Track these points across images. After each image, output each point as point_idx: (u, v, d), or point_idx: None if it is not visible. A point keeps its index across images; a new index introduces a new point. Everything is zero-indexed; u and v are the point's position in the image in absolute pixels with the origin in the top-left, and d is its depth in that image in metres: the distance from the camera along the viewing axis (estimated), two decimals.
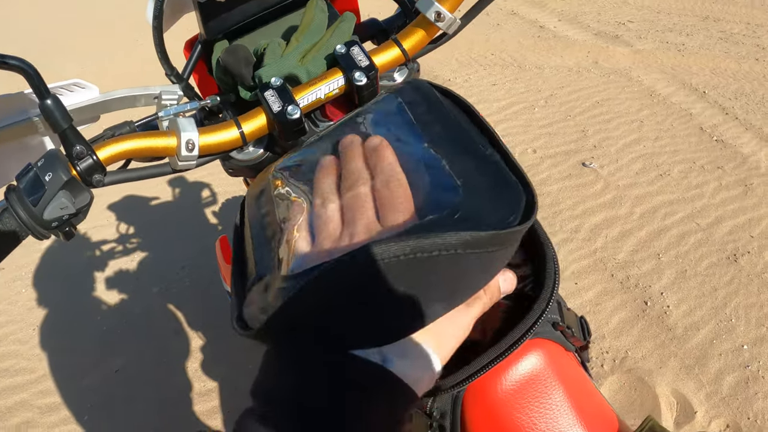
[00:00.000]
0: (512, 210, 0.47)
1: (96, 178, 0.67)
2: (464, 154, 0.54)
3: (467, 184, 0.50)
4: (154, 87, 0.80)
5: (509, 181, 0.50)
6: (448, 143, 0.56)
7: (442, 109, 0.61)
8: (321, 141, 0.63)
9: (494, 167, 0.52)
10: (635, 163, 2.82)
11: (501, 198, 0.49)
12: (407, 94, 0.64)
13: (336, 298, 0.43)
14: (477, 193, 0.49)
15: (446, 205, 0.48)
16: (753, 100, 3.12)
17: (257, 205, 0.62)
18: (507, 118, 3.27)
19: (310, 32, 0.79)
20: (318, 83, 0.75)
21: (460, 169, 0.52)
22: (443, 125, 0.58)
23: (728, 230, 2.41)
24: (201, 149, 0.72)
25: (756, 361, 1.93)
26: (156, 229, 2.91)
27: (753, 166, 2.71)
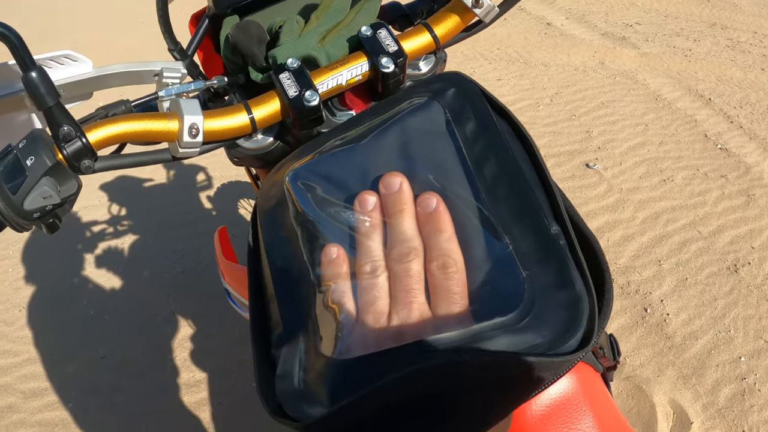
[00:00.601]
0: (576, 325, 0.43)
1: (85, 163, 0.59)
2: (528, 227, 0.48)
3: (532, 278, 0.45)
4: (155, 63, 0.72)
5: (574, 284, 0.45)
6: (508, 203, 0.50)
7: (499, 138, 0.54)
8: (347, 147, 0.57)
9: (560, 259, 0.46)
10: (639, 167, 2.81)
11: (565, 306, 0.44)
12: (453, 103, 0.58)
13: (409, 402, 0.40)
14: (542, 293, 0.45)
15: (511, 306, 0.44)
16: (758, 110, 3.12)
17: (273, 223, 0.56)
18: None
19: (331, 11, 0.72)
20: (339, 68, 0.68)
21: (523, 251, 0.47)
22: (500, 166, 0.52)
23: (729, 240, 2.41)
24: (205, 135, 0.64)
25: (753, 374, 1.93)
26: (149, 211, 2.86)
27: (756, 177, 2.70)
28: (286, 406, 0.44)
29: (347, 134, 0.59)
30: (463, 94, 0.58)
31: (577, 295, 0.44)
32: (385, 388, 0.38)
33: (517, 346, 0.42)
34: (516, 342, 0.42)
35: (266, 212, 0.58)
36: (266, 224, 0.57)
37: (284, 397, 0.45)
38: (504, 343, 0.42)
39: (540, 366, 0.40)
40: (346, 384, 0.42)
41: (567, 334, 0.43)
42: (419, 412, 0.40)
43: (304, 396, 0.44)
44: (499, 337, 0.42)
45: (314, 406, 0.42)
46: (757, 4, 4.30)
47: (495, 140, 0.54)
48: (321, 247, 0.50)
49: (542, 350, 0.42)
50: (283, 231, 0.55)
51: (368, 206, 0.50)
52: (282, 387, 0.46)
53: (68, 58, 0.69)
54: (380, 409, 0.40)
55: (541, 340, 0.43)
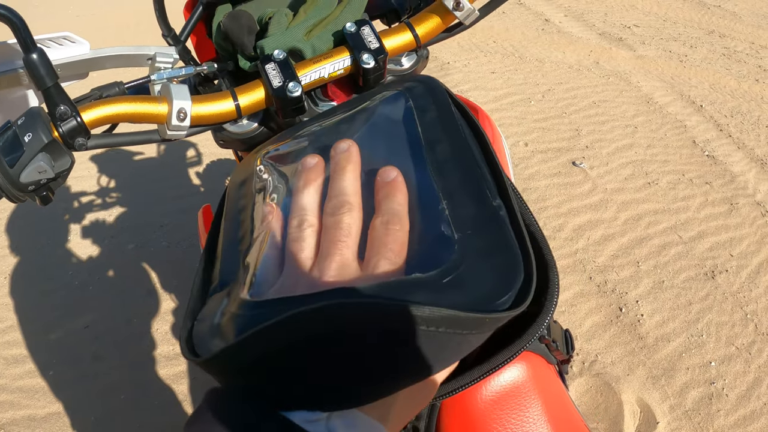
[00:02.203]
0: (506, 287, 0.42)
1: (79, 141, 0.63)
2: (469, 197, 0.49)
3: (464, 241, 0.45)
4: (149, 47, 0.75)
5: (510, 247, 0.45)
6: (453, 177, 0.51)
7: (455, 126, 0.57)
8: (320, 135, 0.60)
9: (497, 226, 0.46)
10: (625, 168, 2.81)
11: (497, 269, 0.43)
12: (419, 97, 0.60)
13: (296, 349, 0.38)
14: (473, 255, 0.44)
15: (437, 263, 0.43)
16: (748, 120, 3.13)
17: (237, 194, 0.59)
18: (502, 107, 3.25)
19: (319, 5, 0.75)
20: (323, 61, 0.71)
21: (460, 216, 0.47)
22: (453, 150, 0.54)
23: (709, 246, 2.42)
24: (193, 119, 0.67)
25: (722, 379, 1.94)
26: (137, 185, 2.85)
27: (741, 186, 2.71)
28: (197, 347, 0.45)
29: (322, 122, 0.63)
30: (429, 90, 0.61)
31: (511, 261, 0.43)
32: (272, 328, 0.37)
33: (433, 303, 0.39)
34: (434, 299, 0.40)
35: (233, 188, 0.61)
36: (231, 192, 0.60)
37: (197, 338, 0.46)
38: (420, 298, 0.40)
39: (460, 323, 0.39)
40: (249, 323, 0.42)
41: (494, 295, 0.41)
42: (317, 359, 0.39)
43: (213, 334, 0.44)
44: (416, 292, 0.41)
45: (218, 343, 0.43)
46: (757, 15, 4.31)
47: (450, 125, 0.56)
48: (268, 207, 0.52)
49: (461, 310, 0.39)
50: (242, 197, 0.58)
51: (308, 165, 0.51)
52: (198, 329, 0.47)
53: (67, 39, 0.72)
54: (274, 349, 0.38)
55: (461, 300, 0.41)
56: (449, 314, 0.38)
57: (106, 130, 0.70)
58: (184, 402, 1.91)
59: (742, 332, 2.10)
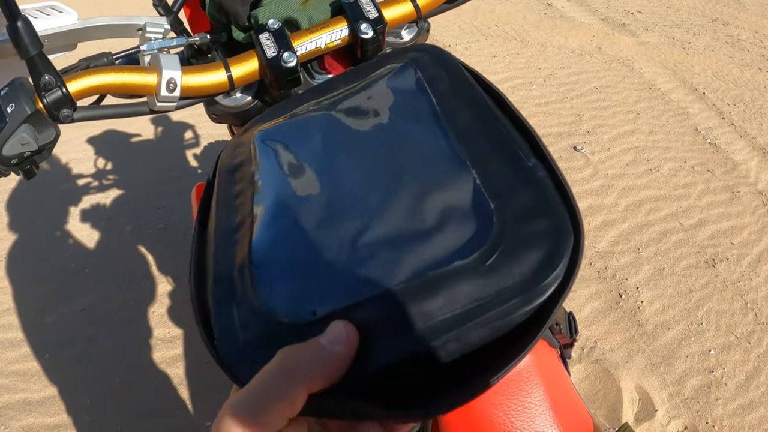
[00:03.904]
0: (558, 256, 0.39)
1: (64, 112, 0.61)
2: (501, 161, 0.45)
3: (503, 208, 0.42)
4: (140, 17, 0.73)
5: (555, 210, 0.41)
6: (480, 143, 0.47)
7: (472, 91, 0.52)
8: (320, 111, 0.57)
9: (537, 186, 0.43)
10: (626, 154, 2.79)
11: (543, 235, 0.40)
12: (427, 67, 0.56)
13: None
14: (514, 225, 0.40)
15: (477, 241, 0.40)
16: (751, 109, 3.11)
17: (230, 178, 0.55)
18: (504, 91, 3.21)
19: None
20: (319, 31, 0.69)
21: (495, 183, 0.44)
22: (474, 115, 0.50)
23: (710, 234, 2.40)
24: (183, 90, 0.65)
25: (721, 368, 1.93)
26: (134, 167, 2.80)
27: (742, 174, 2.69)
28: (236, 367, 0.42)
29: (322, 100, 0.59)
30: (437, 59, 0.57)
31: (558, 223, 0.40)
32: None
33: (483, 290, 0.38)
34: (480, 289, 0.38)
35: (225, 170, 0.57)
36: (223, 179, 0.56)
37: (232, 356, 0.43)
38: (466, 292, 0.38)
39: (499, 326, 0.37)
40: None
41: (544, 270, 0.38)
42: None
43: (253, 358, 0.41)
44: (460, 284, 0.38)
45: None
46: (761, 5, 4.28)
47: (469, 96, 0.52)
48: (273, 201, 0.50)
49: (511, 294, 0.37)
50: (237, 185, 0.54)
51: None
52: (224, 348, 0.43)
53: (54, 9, 0.70)
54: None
55: (510, 282, 0.38)
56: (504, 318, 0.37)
57: (94, 102, 0.68)
58: (180, 386, 1.89)
59: (742, 321, 2.09)
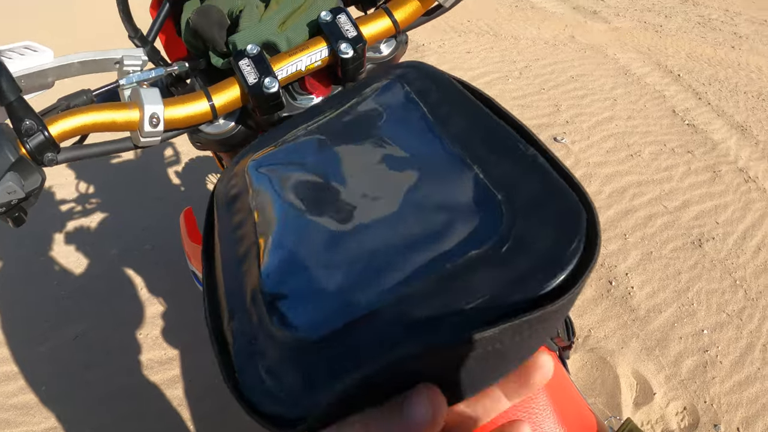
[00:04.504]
0: (573, 232, 0.38)
1: (48, 156, 0.60)
2: (501, 155, 0.46)
3: (510, 197, 0.42)
4: (116, 50, 0.72)
5: (563, 191, 0.41)
6: (477, 143, 0.48)
7: (463, 97, 0.53)
8: (311, 135, 0.57)
9: (541, 172, 0.43)
10: (607, 141, 2.81)
11: (556, 216, 0.40)
12: (414, 81, 0.57)
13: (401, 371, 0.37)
14: (524, 209, 0.41)
15: (489, 233, 0.40)
16: (726, 88, 3.13)
17: (228, 210, 0.55)
18: (480, 87, 3.22)
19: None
20: (299, 53, 0.68)
21: (498, 175, 0.44)
22: (467, 119, 0.51)
23: (695, 215, 2.42)
24: (166, 123, 0.64)
25: (715, 347, 1.95)
26: (116, 189, 2.77)
27: (722, 153, 2.71)
28: (261, 406, 0.40)
29: (310, 124, 0.59)
30: (424, 73, 0.58)
31: (568, 203, 0.40)
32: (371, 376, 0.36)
33: (502, 280, 0.37)
34: (500, 276, 0.38)
35: (223, 202, 0.57)
36: (222, 213, 0.56)
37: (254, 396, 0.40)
38: (487, 280, 0.38)
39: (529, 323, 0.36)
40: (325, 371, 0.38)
41: (561, 245, 0.38)
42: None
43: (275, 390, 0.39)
44: (479, 273, 0.38)
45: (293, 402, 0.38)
46: None
47: (461, 100, 0.53)
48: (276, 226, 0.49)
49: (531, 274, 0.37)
50: (237, 216, 0.54)
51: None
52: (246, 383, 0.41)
53: (29, 48, 0.69)
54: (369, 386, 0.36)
55: (529, 263, 0.38)
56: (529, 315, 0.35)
57: (77, 142, 0.67)
58: (180, 407, 1.88)
59: (732, 299, 2.10)
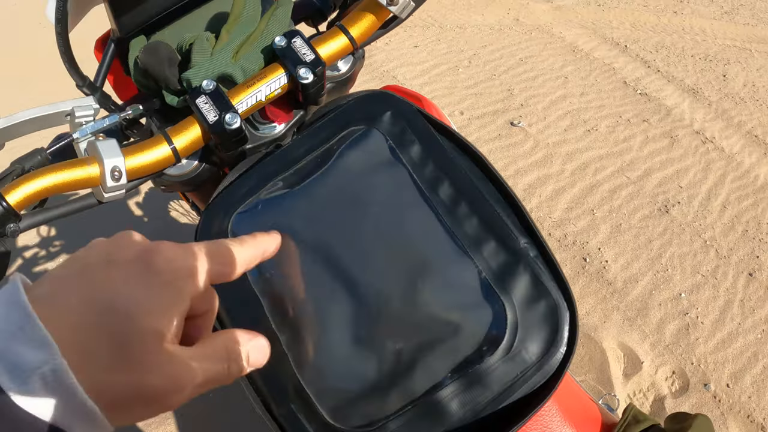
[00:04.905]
0: (558, 332, 0.52)
1: (10, 228, 0.57)
2: (495, 245, 0.55)
3: (509, 299, 0.53)
4: (65, 102, 0.67)
5: (552, 295, 0.53)
6: (471, 223, 0.56)
7: (446, 156, 0.59)
8: (294, 198, 0.60)
9: (532, 271, 0.54)
10: (563, 119, 2.82)
11: (545, 318, 0.52)
12: (392, 127, 0.61)
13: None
14: (523, 314, 0.52)
15: (497, 337, 0.52)
16: (673, 53, 3.17)
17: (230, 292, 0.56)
18: (431, 80, 3.22)
19: (242, 22, 0.69)
20: (257, 83, 0.65)
21: (497, 271, 0.54)
22: (455, 186, 0.58)
23: (658, 182, 2.44)
24: (129, 174, 0.61)
25: (694, 308, 1.96)
26: (79, 227, 2.65)
27: (677, 118, 2.74)
28: None
29: (285, 173, 0.62)
30: (400, 115, 0.62)
31: (554, 304, 0.53)
32: None
33: (511, 373, 0.52)
34: (510, 369, 0.52)
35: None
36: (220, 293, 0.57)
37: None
38: (501, 374, 0.51)
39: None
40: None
41: (553, 347, 0.52)
42: None
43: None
44: (495, 371, 0.51)
45: None
46: None
47: (444, 160, 0.59)
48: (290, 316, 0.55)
49: (532, 372, 0.52)
50: (241, 300, 0.56)
51: None
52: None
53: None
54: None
55: (532, 360, 0.52)
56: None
57: (37, 206, 0.63)
58: None
59: (705, 259, 2.12)
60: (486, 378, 0.51)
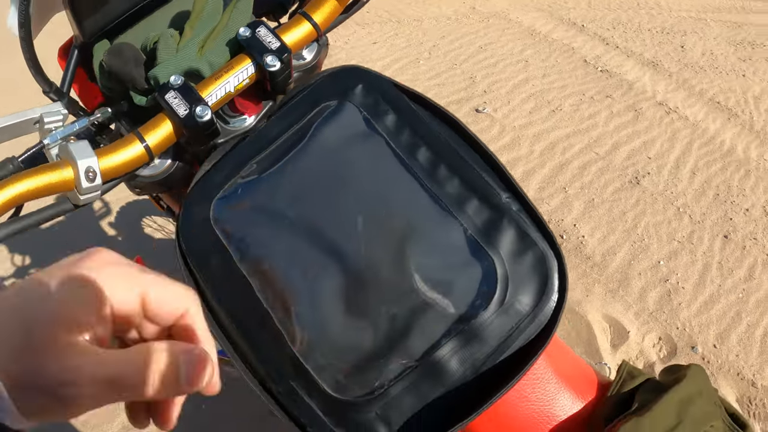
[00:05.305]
0: (545, 281, 0.54)
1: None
2: (479, 202, 0.56)
3: (497, 253, 0.54)
4: (33, 110, 0.65)
5: (538, 245, 0.54)
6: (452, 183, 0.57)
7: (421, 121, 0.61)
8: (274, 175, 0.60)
9: (517, 224, 0.55)
10: (527, 102, 2.83)
11: (534, 269, 0.54)
12: (365, 99, 0.62)
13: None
14: (512, 267, 0.53)
15: (489, 292, 0.53)
16: (630, 29, 3.20)
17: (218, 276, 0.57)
18: (393, 74, 3.21)
19: (204, 17, 0.68)
20: (225, 75, 0.64)
21: (482, 228, 0.55)
22: (432, 149, 0.59)
23: (626, 155, 2.46)
24: (104, 175, 0.59)
25: (674, 274, 1.97)
26: (53, 253, 2.57)
27: (640, 91, 2.77)
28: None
29: (261, 154, 0.63)
30: (372, 87, 0.63)
31: (542, 254, 0.54)
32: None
33: (506, 326, 0.53)
34: (505, 322, 0.53)
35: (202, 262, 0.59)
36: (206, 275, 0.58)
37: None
38: (496, 327, 0.52)
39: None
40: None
41: (544, 296, 0.54)
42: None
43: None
44: (491, 325, 0.52)
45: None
46: None
47: (419, 126, 0.60)
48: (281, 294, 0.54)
49: (526, 323, 0.53)
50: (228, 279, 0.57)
51: None
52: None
53: None
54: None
55: (525, 311, 0.53)
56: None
57: (12, 215, 0.61)
58: None
59: (680, 226, 2.14)
60: (482, 333, 0.52)
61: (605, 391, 0.70)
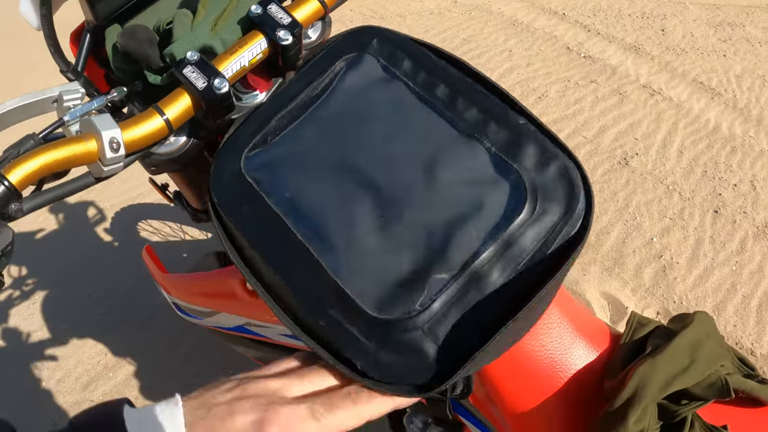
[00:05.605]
0: (571, 187, 0.55)
1: (13, 207, 0.56)
2: (498, 124, 0.59)
3: (522, 166, 0.57)
4: (52, 89, 0.67)
5: (559, 156, 0.57)
6: (471, 111, 0.60)
7: (428, 61, 0.64)
8: (300, 124, 0.64)
9: (536, 139, 0.58)
10: (513, 90, 2.85)
11: (559, 177, 0.56)
12: (381, 49, 0.66)
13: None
14: (538, 176, 0.56)
15: (520, 200, 0.55)
16: (611, 15, 3.24)
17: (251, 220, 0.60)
18: None
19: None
20: (239, 50, 0.66)
21: (504, 145, 0.58)
22: (450, 85, 0.62)
23: (614, 137, 2.49)
24: (126, 147, 0.61)
25: (667, 250, 2.01)
26: (49, 262, 2.55)
27: (623, 75, 2.80)
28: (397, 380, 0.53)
29: (287, 108, 0.66)
30: (386, 40, 0.67)
31: (564, 164, 0.56)
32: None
33: (541, 231, 0.54)
34: (539, 227, 0.54)
35: (235, 210, 0.61)
36: (241, 220, 0.61)
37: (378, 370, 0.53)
38: (532, 233, 0.54)
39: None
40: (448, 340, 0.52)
41: (573, 201, 0.55)
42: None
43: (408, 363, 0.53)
44: (526, 231, 0.54)
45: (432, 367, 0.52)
46: None
47: (434, 67, 0.64)
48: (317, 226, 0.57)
49: (560, 226, 0.54)
50: (262, 221, 0.59)
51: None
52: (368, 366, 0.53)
53: None
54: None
55: (556, 218, 0.54)
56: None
57: (35, 190, 0.63)
58: None
59: (670, 203, 2.17)
60: (518, 239, 0.54)
61: (618, 340, 0.72)
